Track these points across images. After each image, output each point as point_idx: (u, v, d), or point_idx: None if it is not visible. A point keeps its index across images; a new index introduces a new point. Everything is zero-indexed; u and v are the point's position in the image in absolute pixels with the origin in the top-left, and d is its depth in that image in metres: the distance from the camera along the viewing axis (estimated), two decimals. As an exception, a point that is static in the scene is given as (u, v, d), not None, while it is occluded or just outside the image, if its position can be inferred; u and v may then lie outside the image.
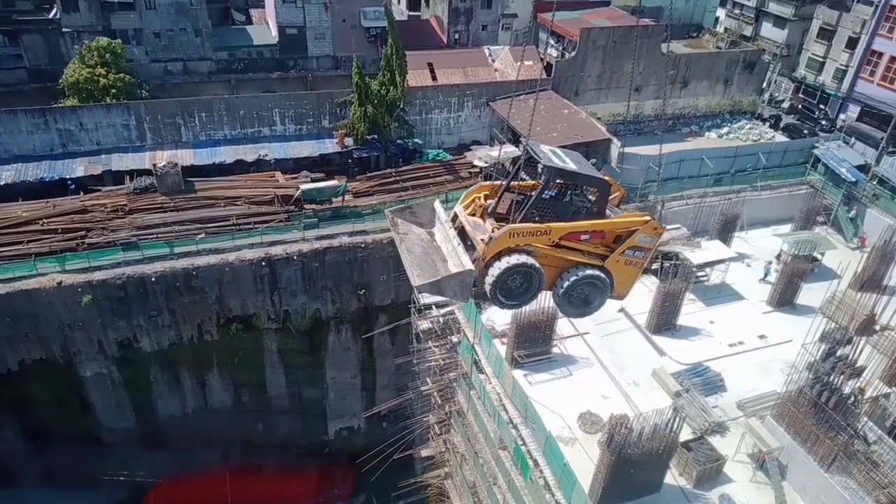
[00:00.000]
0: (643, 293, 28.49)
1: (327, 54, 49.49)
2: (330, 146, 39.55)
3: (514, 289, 16.57)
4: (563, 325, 26.62)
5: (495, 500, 26.42)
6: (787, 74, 57.30)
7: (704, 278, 30.52)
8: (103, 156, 37.34)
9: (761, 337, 26.90)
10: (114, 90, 40.19)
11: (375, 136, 39.30)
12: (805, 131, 48.69)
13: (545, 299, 23.64)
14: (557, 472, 20.94)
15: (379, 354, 37.35)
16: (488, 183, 18.11)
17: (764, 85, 52.90)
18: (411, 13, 56.45)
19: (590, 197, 17.29)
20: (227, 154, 38.41)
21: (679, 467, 20.80)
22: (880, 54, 49.85)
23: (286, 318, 34.73)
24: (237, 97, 41.57)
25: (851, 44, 51.76)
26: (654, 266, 29.61)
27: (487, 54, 45.13)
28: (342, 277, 34.39)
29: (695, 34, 62.37)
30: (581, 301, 17.71)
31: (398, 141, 40.49)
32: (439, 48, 47.91)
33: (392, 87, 38.11)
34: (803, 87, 56.25)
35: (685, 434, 21.10)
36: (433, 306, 29.33)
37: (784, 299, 29.06)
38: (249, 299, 33.58)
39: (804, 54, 56.37)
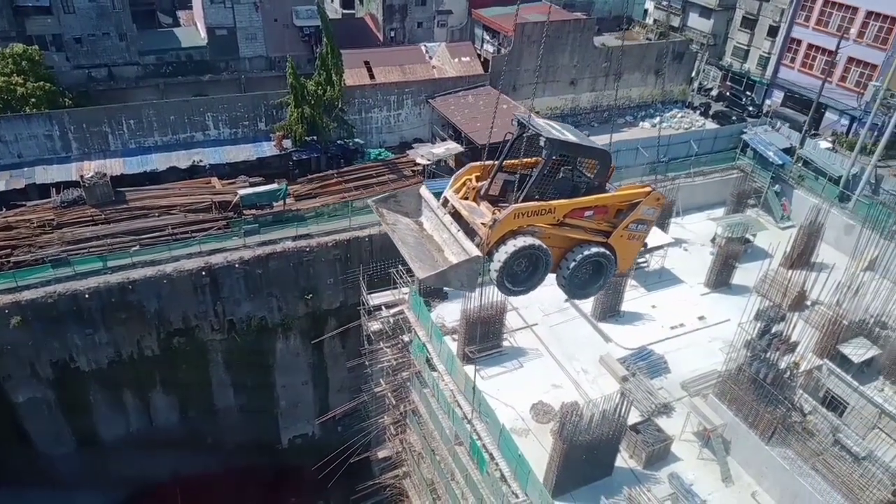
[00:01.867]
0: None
1: (260, 55, 48.36)
2: (268, 149, 38.69)
3: (519, 273, 15.75)
4: (513, 319, 26.90)
5: (453, 496, 26.49)
6: (714, 63, 59.43)
7: (645, 264, 31.32)
8: (26, 168, 35.46)
9: (701, 318, 27.82)
10: (33, 99, 38.15)
11: (315, 138, 38.68)
12: (733, 118, 50.66)
13: (493, 293, 23.91)
14: (512, 464, 21.14)
15: (330, 359, 36.84)
16: (479, 163, 17.01)
17: (693, 74, 54.77)
18: (345, 11, 55.77)
19: (584, 171, 16.63)
20: (158, 161, 37.06)
21: (629, 450, 21.32)
22: (799, 41, 52.31)
23: (231, 328, 33.81)
24: (167, 102, 40.11)
25: (772, 32, 54.13)
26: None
27: (424, 51, 45.06)
28: (287, 283, 33.70)
29: (625, 26, 63.85)
30: (585, 281, 17.08)
31: (339, 141, 39.97)
32: (375, 46, 47.50)
33: (329, 87, 37.56)
34: (730, 74, 58.48)
35: (633, 417, 21.61)
36: (383, 307, 29.16)
37: (720, 280, 30.15)
38: (191, 311, 32.52)
39: (730, 43, 58.61)
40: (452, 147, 39.78)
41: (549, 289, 29.37)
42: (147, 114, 37.64)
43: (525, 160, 16.53)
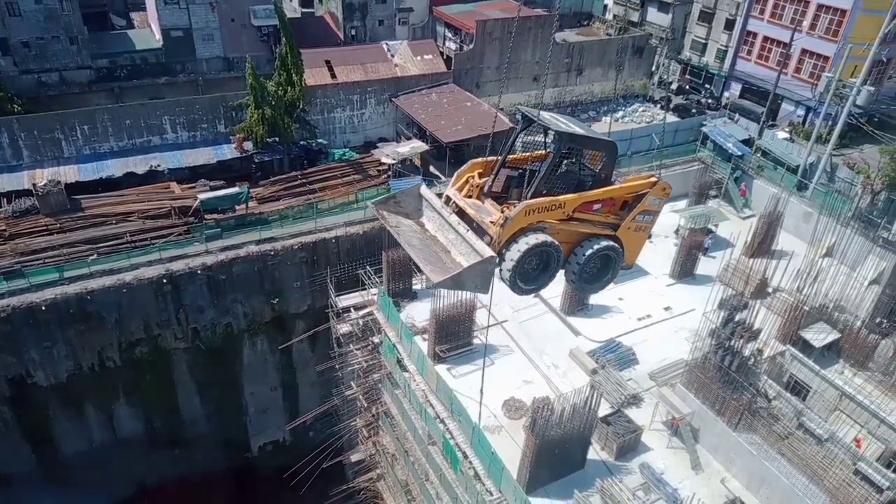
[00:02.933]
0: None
1: (218, 56, 47.34)
2: (228, 152, 37.93)
3: (530, 271, 15.38)
4: (482, 316, 26.79)
5: (428, 496, 26.36)
6: (673, 57, 60.32)
7: (611, 257, 31.58)
8: (-27, 178, 34.19)
9: (667, 309, 28.15)
10: (-21, 106, 36.77)
11: (276, 139, 38.05)
12: (693, 110, 51.47)
13: (463, 292, 23.80)
14: (486, 462, 21.11)
15: (299, 363, 36.30)
16: (481, 160, 16.61)
17: (653, 68, 55.52)
18: (304, 10, 54.96)
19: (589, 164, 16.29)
20: (115, 167, 36.03)
21: (600, 442, 21.43)
22: (755, 34, 53.41)
23: (195, 336, 33.03)
24: (122, 106, 39.05)
25: (729, 25, 55.14)
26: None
27: (386, 50, 44.72)
28: (252, 288, 33.08)
29: (585, 22, 64.47)
30: (595, 275, 16.77)
31: (301, 142, 39.39)
32: (336, 45, 46.94)
33: (289, 87, 36.98)
34: (689, 68, 59.44)
35: (603, 409, 21.75)
36: (352, 309, 28.85)
37: (685, 271, 30.57)
38: (153, 320, 31.68)
39: (688, 37, 59.55)
40: (417, 146, 39.59)
41: (518, 285, 29.61)
42: (101, 119, 36.56)
43: (525, 154, 16.43)
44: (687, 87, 57.92)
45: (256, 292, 33.37)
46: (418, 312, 26.94)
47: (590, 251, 15.89)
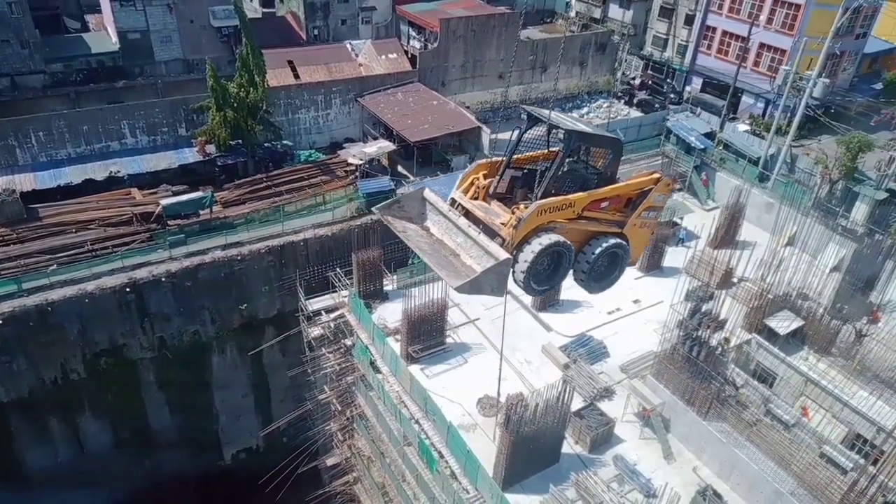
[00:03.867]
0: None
1: (177, 58, 46.31)
2: (190, 156, 37.18)
3: (542, 272, 15.27)
4: (454, 315, 26.77)
5: (406, 497, 26.23)
6: (636, 53, 61.08)
7: (581, 252, 31.82)
8: (-78, 189, 32.85)
9: (635, 301, 28.45)
10: (-74, 114, 35.37)
11: (240, 141, 37.44)
12: (656, 105, 52.22)
13: (435, 291, 23.73)
14: (462, 461, 21.05)
15: (270, 369, 35.80)
16: (486, 161, 16.48)
17: (616, 64, 56.13)
18: (265, 10, 54.17)
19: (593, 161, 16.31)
20: (73, 174, 35.02)
21: (574, 436, 21.55)
22: (714, 29, 54.40)
23: (162, 345, 32.34)
24: (79, 111, 37.97)
25: (689, 20, 56.06)
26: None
27: (350, 49, 44.34)
28: (220, 294, 32.50)
29: (548, 19, 64.89)
30: (602, 273, 16.72)
31: (266, 144, 38.81)
32: (299, 45, 46.34)
33: (252, 89, 36.40)
34: (651, 63, 60.28)
35: (576, 403, 21.90)
36: (322, 312, 28.52)
37: (652, 264, 30.95)
38: (117, 329, 30.93)
39: (649, 33, 60.37)
40: (384, 145, 39.36)
41: (489, 282, 29.62)
42: (57, 125, 35.50)
43: (529, 154, 16.32)
44: (649, 82, 58.73)
45: (224, 298, 32.80)
46: (390, 313, 26.74)
47: (599, 249, 15.93)
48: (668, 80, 58.52)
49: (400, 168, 39.88)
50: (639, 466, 20.71)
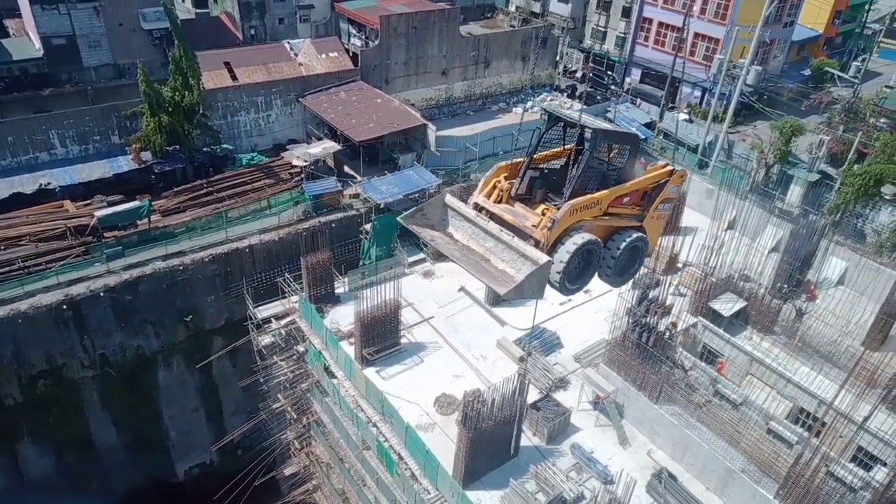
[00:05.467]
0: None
1: (107, 63, 44.48)
2: (125, 164, 35.64)
3: (573, 271, 15.38)
4: (408, 315, 26.55)
5: (367, 502, 25.98)
6: (576, 46, 62.02)
7: (531, 245, 32.04)
8: None
9: (586, 291, 28.60)
10: None
11: (177, 147, 36.15)
12: (598, 97, 53.11)
13: (388, 291, 23.44)
14: (421, 461, 20.91)
15: (220, 381, 34.75)
16: (506, 163, 16.51)
17: (557, 58, 56.81)
18: (199, 10, 52.54)
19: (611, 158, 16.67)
20: (-2, 188, 33.14)
21: (531, 428, 21.67)
22: (650, 20, 55.74)
23: (104, 363, 30.94)
24: (1, 122, 35.92)
25: (626, 13, 57.27)
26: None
27: (289, 48, 43.39)
28: (163, 306, 31.30)
29: (489, 14, 65.20)
30: (625, 267, 16.99)
31: (204, 149, 37.57)
32: (235, 45, 45.13)
33: (187, 92, 35.17)
34: (592, 56, 61.30)
35: (533, 395, 22.05)
36: (272, 319, 27.87)
37: (601, 253, 31.38)
38: (55, 349, 29.42)
39: (588, 26, 61.40)
40: (329, 146, 38.69)
41: (442, 280, 29.56)
42: (-22, 136, 33.51)
43: (546, 153, 16.59)
44: (590, 74, 59.69)
45: (167, 310, 31.62)
46: (343, 316, 26.34)
47: (623, 244, 16.23)
48: (609, 73, 59.62)
49: (346, 168, 39.30)
50: (595, 454, 20.99)
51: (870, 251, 32.67)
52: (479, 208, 15.70)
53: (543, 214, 15.04)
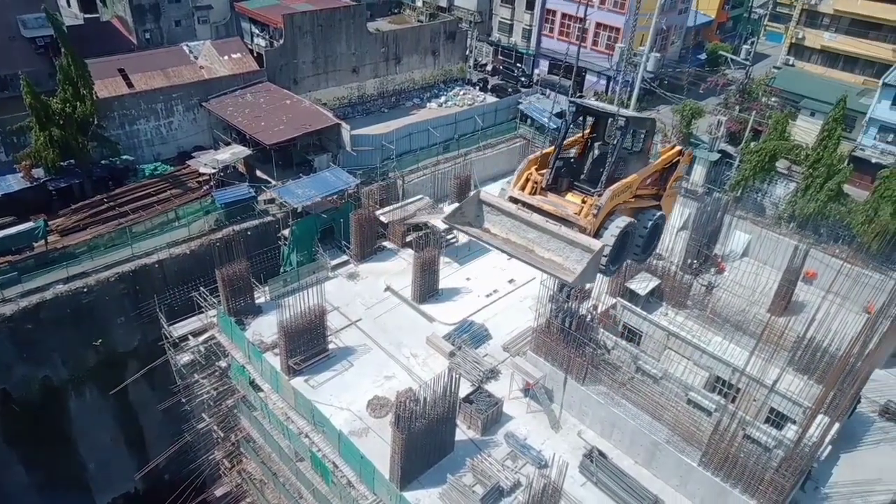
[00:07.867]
0: (403, 267, 29.09)
1: (-14, 74, 40.95)
2: (14, 183, 32.97)
3: (613, 252, 15.92)
4: (335, 319, 26.00)
5: (305, 514, 25.31)
6: (484, 39, 62.70)
7: (454, 240, 32.13)
8: None
9: (511, 282, 29.19)
10: None
11: (72, 161, 33.83)
12: (509, 89, 53.92)
13: (311, 297, 22.79)
14: (356, 467, 20.56)
15: (139, 405, 32.90)
16: (534, 155, 16.99)
17: (467, 52, 57.25)
18: (87, 15, 49.31)
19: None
20: None
21: (466, 421, 21.73)
22: (554, 12, 57.03)
23: (6, 398, 28.62)
24: None
25: (530, 5, 58.32)
26: (409, 238, 30.40)
27: (188, 51, 41.45)
28: (69, 332, 29.24)
29: (396, 10, 64.84)
30: (646, 244, 17.63)
31: (102, 161, 35.36)
32: (130, 51, 42.67)
33: (79, 102, 32.94)
34: (501, 49, 62.15)
35: (465, 389, 22.08)
36: (189, 336, 26.59)
37: (522, 242, 31.88)
38: (-53, 389, 26.99)
39: (495, 19, 62.14)
40: (239, 150, 37.29)
41: (367, 281, 29.13)
42: None
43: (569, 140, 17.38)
44: (500, 67, 60.51)
45: (74, 336, 29.58)
46: (266, 327, 25.48)
47: (650, 222, 17.09)
48: (518, 65, 60.64)
49: (259, 173, 38.02)
50: (529, 440, 21.28)
51: (770, 223, 34.88)
52: (515, 202, 16.22)
53: (583, 202, 15.78)
